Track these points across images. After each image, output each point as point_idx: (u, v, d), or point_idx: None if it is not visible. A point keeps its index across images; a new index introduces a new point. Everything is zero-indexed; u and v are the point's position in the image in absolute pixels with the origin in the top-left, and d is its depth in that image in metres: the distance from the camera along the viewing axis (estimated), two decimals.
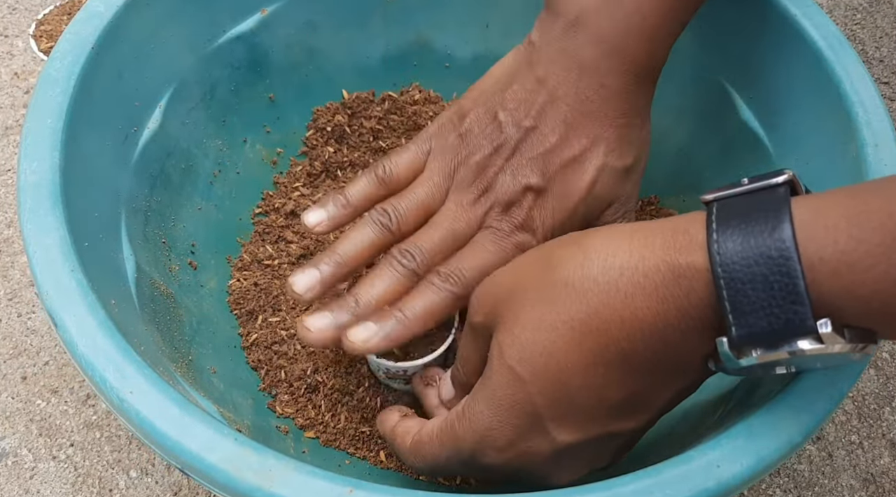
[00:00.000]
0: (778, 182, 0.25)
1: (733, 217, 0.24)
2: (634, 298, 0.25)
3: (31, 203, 0.32)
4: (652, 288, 0.25)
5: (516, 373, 0.28)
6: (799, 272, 0.22)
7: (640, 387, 0.27)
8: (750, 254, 0.23)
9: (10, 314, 0.53)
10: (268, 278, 0.47)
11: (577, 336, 0.26)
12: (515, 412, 0.28)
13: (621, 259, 0.26)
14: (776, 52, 0.42)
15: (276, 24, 0.49)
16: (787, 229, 0.23)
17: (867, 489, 0.49)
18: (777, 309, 0.23)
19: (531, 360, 0.27)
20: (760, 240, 0.23)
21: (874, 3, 0.77)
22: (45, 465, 0.47)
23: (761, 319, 0.23)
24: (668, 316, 0.25)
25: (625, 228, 0.27)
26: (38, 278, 0.30)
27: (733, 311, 0.23)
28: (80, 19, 0.38)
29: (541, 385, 0.27)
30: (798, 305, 0.23)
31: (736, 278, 0.23)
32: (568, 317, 0.27)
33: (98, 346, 0.29)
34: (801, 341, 0.23)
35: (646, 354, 0.26)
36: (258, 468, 0.26)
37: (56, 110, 0.35)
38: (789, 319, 0.23)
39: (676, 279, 0.25)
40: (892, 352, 0.54)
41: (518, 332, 0.28)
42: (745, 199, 0.25)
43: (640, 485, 0.26)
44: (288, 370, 0.43)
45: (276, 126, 0.52)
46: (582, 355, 0.27)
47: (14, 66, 0.67)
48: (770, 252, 0.23)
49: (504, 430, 0.29)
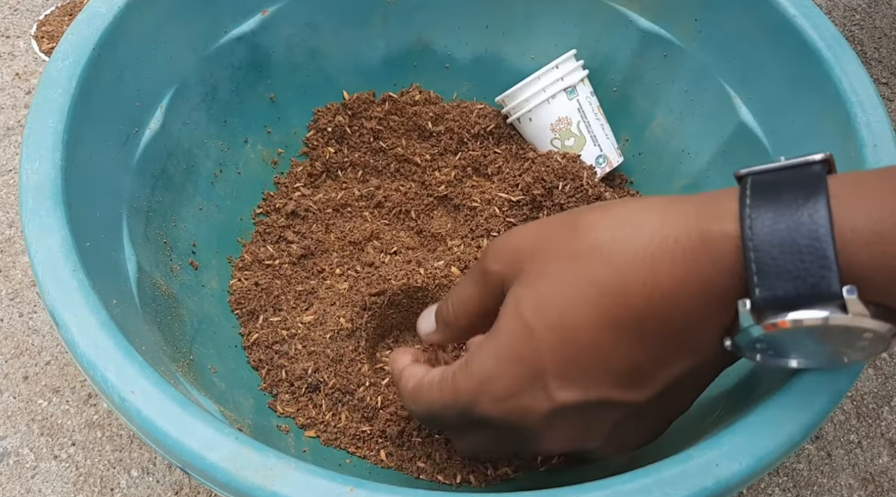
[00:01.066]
0: (815, 159, 0.25)
1: (769, 188, 0.24)
2: (661, 262, 0.25)
3: (33, 203, 0.32)
4: (680, 253, 0.25)
5: (529, 324, 0.27)
6: (829, 237, 0.22)
7: (648, 356, 0.27)
8: (782, 220, 0.23)
9: (11, 314, 0.53)
10: (269, 278, 0.47)
11: (595, 294, 0.26)
12: (520, 363, 0.28)
13: (653, 225, 0.26)
14: (776, 52, 0.42)
15: (277, 24, 0.49)
16: (822, 199, 0.23)
17: (866, 488, 0.49)
18: (804, 272, 0.23)
19: (546, 313, 0.27)
20: (794, 207, 0.23)
21: (873, 3, 0.77)
22: (46, 465, 0.47)
23: (787, 282, 0.23)
24: (691, 283, 0.25)
25: (657, 198, 0.27)
26: (40, 278, 0.30)
27: (759, 272, 0.23)
28: (82, 20, 0.39)
29: (551, 339, 0.27)
30: (826, 269, 0.22)
31: (765, 241, 0.23)
32: (591, 274, 0.26)
33: (99, 346, 0.29)
34: (824, 307, 0.23)
35: (661, 322, 0.26)
36: (259, 467, 0.26)
37: (58, 111, 0.35)
38: (815, 283, 0.23)
39: (706, 245, 0.25)
40: (890, 352, 0.55)
41: (538, 286, 0.28)
42: (781, 174, 0.25)
43: (639, 483, 0.26)
44: (289, 370, 0.43)
45: (276, 126, 0.52)
46: (597, 314, 0.26)
47: (15, 66, 0.67)
48: (802, 218, 0.23)
49: (505, 380, 0.28)
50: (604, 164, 0.52)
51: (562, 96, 0.50)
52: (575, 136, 0.51)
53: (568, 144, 0.51)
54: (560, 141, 0.51)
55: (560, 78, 0.50)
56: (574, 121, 0.51)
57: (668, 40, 0.49)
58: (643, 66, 0.51)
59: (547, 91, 0.50)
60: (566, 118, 0.51)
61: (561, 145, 0.51)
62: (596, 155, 0.52)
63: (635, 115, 0.53)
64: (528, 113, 0.51)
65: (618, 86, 0.53)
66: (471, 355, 0.30)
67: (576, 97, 0.51)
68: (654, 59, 0.50)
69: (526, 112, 0.51)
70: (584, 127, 0.51)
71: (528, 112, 0.51)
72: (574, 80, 0.50)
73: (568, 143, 0.51)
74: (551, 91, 0.50)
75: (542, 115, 0.51)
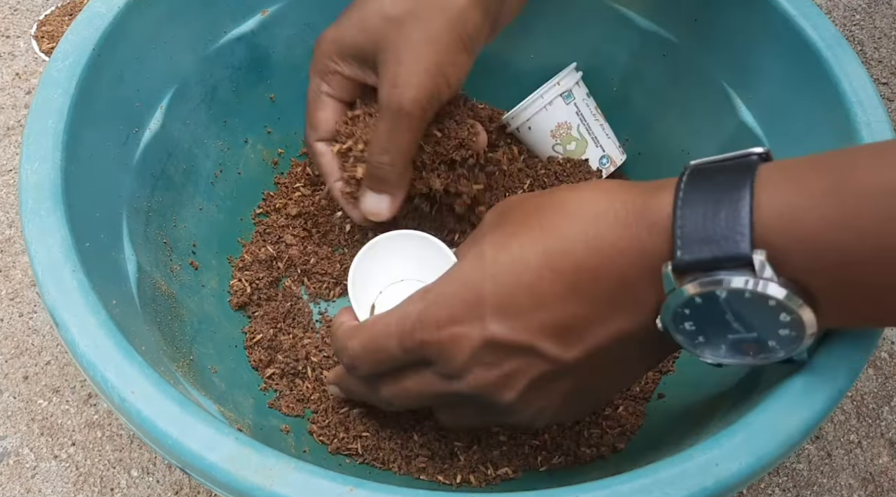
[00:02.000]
0: (754, 151, 0.28)
1: (706, 173, 0.27)
2: (604, 220, 0.28)
3: (33, 203, 0.32)
4: (623, 215, 0.28)
5: (483, 252, 0.30)
6: (747, 208, 0.25)
7: (580, 312, 0.28)
8: (710, 196, 0.26)
9: (11, 314, 0.53)
10: (269, 278, 0.47)
11: (542, 237, 0.29)
12: (465, 288, 0.30)
13: (613, 195, 0.29)
14: (775, 52, 0.42)
15: (276, 24, 0.49)
16: (747, 178, 0.26)
17: (866, 488, 0.49)
18: (721, 239, 0.25)
19: (500, 247, 0.30)
20: (722, 186, 0.26)
21: (873, 3, 0.77)
22: (46, 465, 0.47)
23: (705, 246, 0.25)
24: (627, 243, 0.27)
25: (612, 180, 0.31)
26: (40, 278, 0.30)
27: (682, 237, 0.26)
28: (82, 20, 0.39)
29: (496, 270, 0.29)
30: (739, 235, 0.25)
31: (692, 212, 0.26)
32: (545, 222, 0.29)
33: (99, 346, 0.29)
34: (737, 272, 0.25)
35: (596, 277, 0.28)
36: (259, 467, 0.26)
37: (57, 111, 0.35)
38: (730, 248, 0.25)
39: (643, 212, 0.27)
40: (890, 352, 0.55)
41: (502, 226, 0.31)
42: (721, 162, 0.28)
43: (639, 483, 0.26)
44: (289, 370, 0.43)
45: (276, 127, 0.52)
46: (542, 257, 0.29)
47: (16, 66, 0.67)
48: (728, 193, 0.25)
49: (449, 303, 0.30)
50: (608, 164, 0.52)
51: (559, 101, 0.50)
52: (576, 140, 0.51)
53: (570, 149, 0.51)
54: (562, 146, 0.51)
55: (556, 83, 0.50)
56: (574, 125, 0.51)
57: (668, 40, 0.49)
58: (643, 66, 0.51)
59: (544, 97, 0.50)
60: (565, 123, 0.51)
61: (563, 151, 0.51)
62: (599, 156, 0.52)
63: (635, 115, 0.53)
64: (526, 122, 0.51)
65: (617, 86, 0.53)
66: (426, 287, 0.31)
67: (573, 101, 0.51)
68: (654, 58, 0.50)
69: (525, 121, 0.51)
70: (584, 130, 0.51)
71: (526, 121, 0.51)
72: (569, 83, 0.50)
73: (570, 147, 0.51)
74: (548, 97, 0.50)
75: (541, 123, 0.51)
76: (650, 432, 0.41)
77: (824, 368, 0.29)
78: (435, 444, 0.41)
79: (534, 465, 0.41)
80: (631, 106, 0.53)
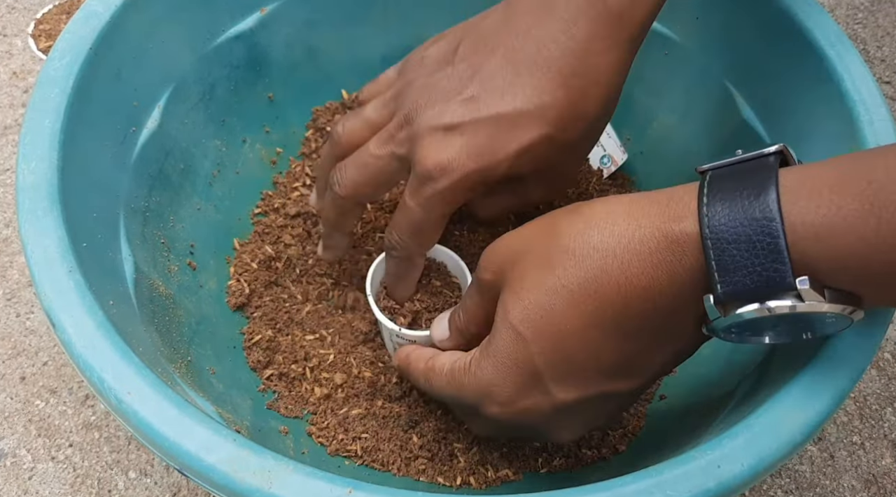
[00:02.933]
0: (769, 152, 0.27)
1: (724, 184, 0.26)
2: (630, 265, 0.27)
3: (30, 203, 0.32)
4: (647, 254, 0.26)
5: (519, 333, 0.29)
6: (781, 233, 0.24)
7: (633, 349, 0.28)
8: (737, 216, 0.25)
9: (8, 314, 0.53)
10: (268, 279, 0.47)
11: (574, 299, 0.28)
12: (517, 370, 0.29)
13: (620, 228, 0.27)
14: (778, 51, 0.42)
15: (275, 23, 0.49)
16: (773, 193, 0.24)
17: (869, 490, 0.49)
18: (759, 267, 0.24)
19: (532, 322, 0.29)
20: (747, 203, 0.25)
21: (876, 2, 0.77)
22: (43, 466, 0.47)
23: (745, 277, 0.24)
24: (661, 281, 0.26)
25: (624, 198, 0.29)
26: (37, 279, 0.30)
27: (719, 269, 0.25)
28: (79, 19, 0.38)
29: (541, 345, 0.29)
30: (779, 264, 0.24)
31: (722, 238, 0.25)
32: (567, 281, 0.28)
33: (96, 347, 0.29)
34: (781, 297, 0.24)
35: (639, 318, 0.27)
36: (257, 469, 0.26)
37: (54, 110, 0.35)
38: (770, 277, 0.24)
39: (669, 245, 0.26)
40: (894, 353, 0.54)
41: (522, 295, 0.29)
42: (736, 168, 0.27)
43: (641, 485, 0.25)
44: (288, 371, 0.43)
45: (275, 126, 0.52)
46: (579, 318, 0.28)
47: (13, 65, 0.67)
48: (755, 214, 0.24)
49: (506, 387, 0.30)
50: (609, 164, 0.51)
51: None
52: None
53: None
54: None
55: None
56: None
57: (670, 38, 0.49)
58: (644, 65, 0.51)
59: None
60: None
61: None
62: (600, 155, 0.51)
63: (636, 113, 0.53)
64: None
65: None
66: (474, 358, 0.32)
67: None
68: (656, 57, 0.50)
69: None
70: None
71: None
72: None
73: None
74: None
75: None
76: (651, 434, 0.41)
77: (827, 370, 0.28)
78: (434, 445, 0.40)
79: (534, 467, 0.40)
80: (632, 105, 0.53)
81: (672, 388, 0.43)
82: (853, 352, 0.29)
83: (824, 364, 0.29)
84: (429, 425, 0.41)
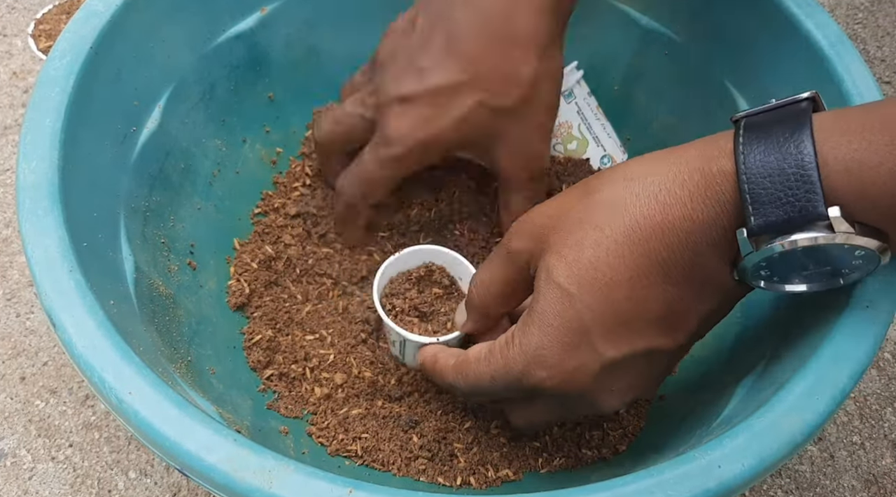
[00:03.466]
0: (802, 97, 0.27)
1: (760, 127, 0.26)
2: (672, 207, 0.27)
3: (30, 203, 0.32)
4: (687, 196, 0.27)
5: (565, 289, 0.29)
6: (814, 165, 0.24)
7: (677, 297, 0.29)
8: (771, 152, 0.25)
9: (8, 314, 0.53)
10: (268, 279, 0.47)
11: (620, 249, 0.28)
12: (565, 329, 0.29)
13: (660, 175, 0.28)
14: (778, 51, 0.42)
15: (275, 22, 0.49)
16: (807, 131, 0.25)
17: (869, 490, 0.49)
18: (792, 198, 0.25)
19: (578, 276, 0.29)
20: (781, 140, 0.25)
21: (876, 2, 0.77)
22: (43, 466, 0.47)
23: (777, 208, 0.25)
24: (701, 221, 0.27)
25: (662, 152, 0.30)
26: (37, 278, 0.30)
27: (753, 202, 0.25)
28: (79, 18, 0.38)
29: (588, 299, 0.29)
30: (811, 193, 0.24)
31: (757, 172, 0.25)
32: (611, 231, 0.28)
33: (97, 347, 0.29)
34: (813, 228, 0.25)
35: (682, 263, 0.28)
36: (257, 469, 0.26)
37: (55, 110, 0.35)
38: (803, 207, 0.25)
39: (708, 185, 0.27)
40: (894, 352, 0.54)
41: (565, 252, 0.29)
42: (771, 114, 0.27)
43: (642, 485, 0.26)
44: (288, 371, 0.43)
45: (275, 126, 0.52)
46: (626, 267, 0.28)
47: (13, 65, 0.67)
48: (790, 149, 0.25)
49: (554, 348, 0.30)
50: (609, 164, 0.51)
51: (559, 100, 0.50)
52: (577, 139, 0.51)
53: (571, 148, 0.51)
54: (562, 145, 0.51)
55: None
56: (574, 124, 0.51)
57: (670, 38, 0.49)
58: (644, 65, 0.51)
59: None
60: (566, 123, 0.50)
61: (563, 150, 0.51)
62: (600, 155, 0.51)
63: (637, 113, 0.53)
64: None
65: (619, 84, 0.53)
66: (516, 329, 0.31)
67: (573, 100, 0.50)
68: (656, 57, 0.50)
69: None
70: (584, 129, 0.51)
71: None
72: (570, 82, 0.50)
73: (570, 147, 0.51)
74: None
75: None
76: (651, 434, 0.41)
77: (827, 370, 0.28)
78: (435, 445, 0.40)
79: (534, 467, 0.40)
80: (632, 104, 0.53)
81: (672, 388, 0.43)
82: (853, 351, 0.29)
83: (824, 364, 0.29)
84: (429, 425, 0.41)
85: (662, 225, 0.27)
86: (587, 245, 0.29)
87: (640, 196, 0.28)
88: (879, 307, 0.29)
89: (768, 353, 0.35)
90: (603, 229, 0.29)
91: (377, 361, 0.44)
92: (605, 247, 0.28)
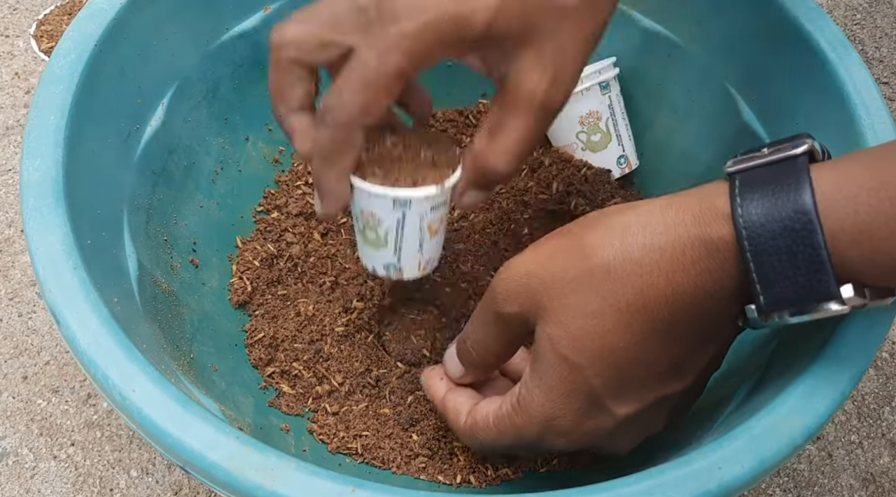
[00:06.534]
0: (796, 153, 0.26)
1: (756, 189, 0.26)
2: (675, 275, 0.27)
3: (34, 201, 0.32)
4: (690, 263, 0.27)
5: (571, 361, 0.29)
6: (822, 243, 0.24)
7: (683, 351, 0.29)
8: (774, 227, 0.25)
9: (10, 314, 0.53)
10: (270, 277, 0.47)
11: (625, 318, 0.28)
12: (575, 397, 0.29)
13: (659, 239, 0.27)
14: (779, 54, 0.42)
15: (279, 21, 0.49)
16: (809, 202, 0.24)
17: (867, 489, 0.49)
18: (802, 278, 0.25)
19: (584, 348, 0.28)
20: (783, 212, 0.25)
21: (874, 3, 0.77)
22: (45, 465, 0.47)
23: (787, 288, 0.25)
24: (706, 287, 0.27)
25: (655, 206, 0.28)
26: (41, 276, 0.30)
27: (760, 281, 0.25)
28: (84, 17, 0.38)
29: (597, 368, 0.29)
30: (822, 274, 0.24)
31: (762, 251, 0.25)
32: (614, 301, 0.28)
33: (100, 344, 0.29)
34: (824, 305, 0.25)
35: (688, 323, 0.28)
36: (259, 467, 0.26)
37: (59, 108, 0.35)
38: (813, 287, 0.25)
39: (710, 253, 0.26)
40: (891, 352, 0.54)
41: (567, 322, 0.29)
42: (765, 171, 0.26)
43: (642, 486, 0.26)
44: (289, 369, 0.43)
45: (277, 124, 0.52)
46: (632, 334, 0.28)
47: (15, 66, 0.67)
48: (794, 225, 0.24)
49: (567, 416, 0.30)
50: (624, 165, 0.51)
51: (595, 90, 0.49)
52: (602, 132, 0.50)
53: (594, 140, 0.51)
54: (586, 135, 0.50)
55: (597, 71, 0.49)
56: (604, 117, 0.50)
57: (672, 41, 0.49)
58: (646, 67, 0.51)
59: (583, 82, 0.49)
60: (596, 112, 0.50)
61: (586, 139, 0.51)
62: (618, 155, 0.51)
63: (638, 115, 0.53)
64: None
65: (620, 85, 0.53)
66: (522, 396, 0.31)
67: (608, 93, 0.50)
68: (657, 59, 0.50)
69: None
70: (611, 124, 0.51)
71: None
72: (608, 75, 0.50)
73: (594, 138, 0.51)
74: (587, 83, 0.49)
75: (572, 106, 0.50)
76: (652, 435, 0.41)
77: (827, 372, 0.29)
78: (435, 443, 0.41)
79: (534, 467, 0.40)
80: (633, 106, 0.53)
81: None
82: (853, 354, 0.29)
83: (824, 366, 0.29)
84: (429, 424, 0.41)
85: (667, 292, 0.27)
86: (589, 315, 0.28)
87: (642, 264, 0.27)
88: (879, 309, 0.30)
89: (769, 356, 0.35)
90: (606, 298, 0.28)
91: (378, 360, 0.44)
92: (609, 315, 0.28)
